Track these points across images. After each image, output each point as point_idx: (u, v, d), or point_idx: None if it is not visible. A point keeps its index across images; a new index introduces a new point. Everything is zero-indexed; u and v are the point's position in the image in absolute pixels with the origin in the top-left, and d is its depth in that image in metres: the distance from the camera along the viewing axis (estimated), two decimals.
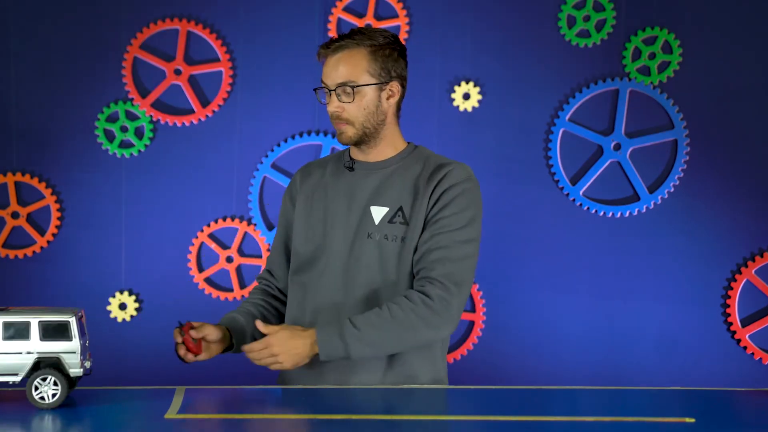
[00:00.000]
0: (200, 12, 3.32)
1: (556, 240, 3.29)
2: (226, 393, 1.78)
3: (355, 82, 1.93)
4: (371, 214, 1.97)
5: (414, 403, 1.74)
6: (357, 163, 2.03)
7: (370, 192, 1.99)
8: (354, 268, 1.95)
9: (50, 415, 1.54)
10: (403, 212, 1.95)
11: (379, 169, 2.02)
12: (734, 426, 1.63)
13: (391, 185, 1.99)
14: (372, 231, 1.95)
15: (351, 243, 1.96)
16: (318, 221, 2.01)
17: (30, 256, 3.31)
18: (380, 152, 2.02)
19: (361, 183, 2.01)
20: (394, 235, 1.94)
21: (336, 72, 1.93)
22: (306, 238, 2.03)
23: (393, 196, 1.97)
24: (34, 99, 3.30)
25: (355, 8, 3.31)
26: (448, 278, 1.88)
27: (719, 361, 3.25)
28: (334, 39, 1.96)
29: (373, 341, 1.86)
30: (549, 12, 3.28)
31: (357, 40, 1.94)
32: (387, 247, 1.94)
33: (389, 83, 1.97)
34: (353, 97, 1.94)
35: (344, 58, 1.94)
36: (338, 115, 1.95)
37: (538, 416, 1.63)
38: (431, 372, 1.99)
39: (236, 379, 3.10)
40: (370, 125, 1.97)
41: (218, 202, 3.33)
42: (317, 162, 2.15)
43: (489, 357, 3.29)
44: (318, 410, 1.67)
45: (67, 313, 1.58)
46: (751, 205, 3.25)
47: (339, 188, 2.02)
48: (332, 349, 1.85)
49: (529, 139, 3.30)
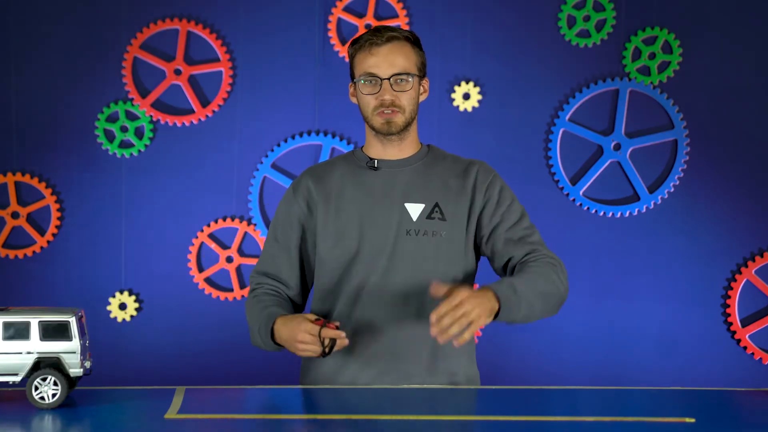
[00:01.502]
0: (200, 12, 3.32)
1: (556, 240, 3.27)
2: (226, 393, 1.78)
3: (411, 72, 1.97)
4: (407, 211, 1.97)
5: (412, 404, 1.74)
6: (380, 162, 2.02)
7: (402, 189, 1.99)
8: (392, 266, 1.94)
9: (50, 415, 1.54)
10: (440, 208, 1.97)
11: (404, 167, 2.02)
12: (734, 426, 1.63)
13: (422, 182, 2.00)
14: (410, 228, 1.95)
15: (391, 241, 1.95)
16: (349, 223, 1.97)
17: (30, 256, 3.31)
18: (405, 149, 2.03)
19: (389, 181, 2.00)
20: (434, 230, 1.95)
21: (392, 61, 1.95)
22: (337, 242, 1.97)
23: (427, 193, 1.98)
24: (34, 99, 3.30)
25: (355, 8, 3.31)
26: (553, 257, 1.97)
27: (719, 361, 3.25)
28: (380, 29, 1.97)
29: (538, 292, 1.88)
30: (549, 12, 3.28)
31: (402, 34, 1.98)
32: (428, 243, 1.94)
33: (423, 79, 2.03)
34: (410, 86, 1.97)
35: (397, 48, 1.96)
36: (392, 102, 1.96)
37: (538, 416, 1.63)
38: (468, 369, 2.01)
39: (236, 379, 3.11)
40: (412, 117, 2.01)
41: (218, 202, 3.33)
42: (323, 165, 2.10)
43: (489, 357, 3.29)
44: (318, 410, 1.67)
45: (67, 313, 1.58)
46: (751, 205, 3.25)
47: (367, 188, 2.00)
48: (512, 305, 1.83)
49: (529, 139, 3.30)
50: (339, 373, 1.96)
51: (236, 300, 3.32)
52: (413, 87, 1.98)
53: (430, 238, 1.95)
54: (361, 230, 1.96)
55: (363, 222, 1.97)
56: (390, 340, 1.94)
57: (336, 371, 1.97)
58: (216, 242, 3.33)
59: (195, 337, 3.30)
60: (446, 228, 1.96)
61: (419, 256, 1.94)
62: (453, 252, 1.97)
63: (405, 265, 1.94)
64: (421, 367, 1.95)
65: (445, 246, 1.95)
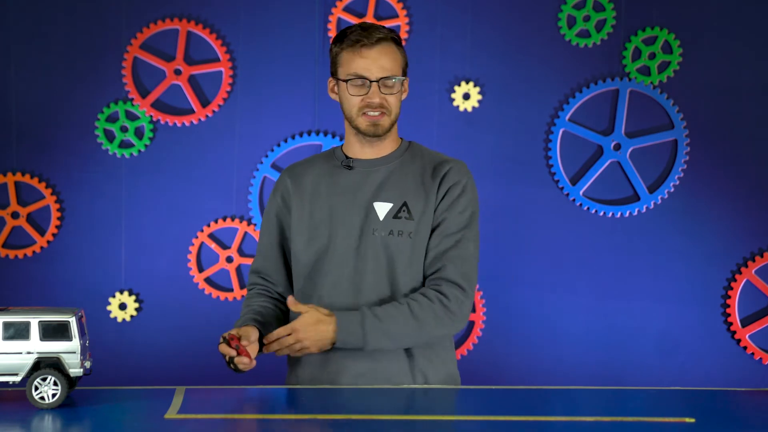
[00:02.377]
0: (200, 12, 3.32)
1: (556, 240, 3.29)
2: (226, 393, 1.78)
3: (397, 75, 1.97)
4: (375, 210, 1.97)
5: (413, 404, 1.74)
6: (355, 161, 2.04)
7: (373, 189, 2.00)
8: (362, 265, 1.95)
9: (50, 415, 1.54)
10: (408, 207, 1.97)
11: (379, 166, 2.03)
12: (734, 426, 1.63)
13: (393, 181, 2.00)
14: (377, 227, 1.96)
15: (357, 241, 1.96)
16: (321, 222, 2.01)
17: (30, 256, 3.31)
18: (382, 148, 2.03)
19: (362, 180, 2.01)
20: (400, 230, 1.95)
21: (380, 64, 1.95)
22: (308, 240, 2.01)
23: (396, 192, 1.98)
24: (34, 99, 3.30)
25: (355, 8, 3.31)
26: (463, 278, 1.94)
27: (719, 361, 3.25)
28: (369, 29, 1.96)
29: (391, 333, 1.89)
30: (549, 12, 3.28)
31: (388, 34, 1.98)
32: (394, 242, 1.95)
33: (405, 79, 2.03)
34: (396, 89, 1.97)
35: (385, 51, 1.97)
36: (381, 105, 1.96)
37: (538, 416, 1.63)
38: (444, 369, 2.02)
39: (236, 379, 3.11)
40: (396, 117, 2.01)
41: (218, 202, 3.33)
42: (302, 163, 2.12)
43: (489, 357, 3.29)
44: (318, 410, 1.67)
45: (67, 313, 1.58)
46: (751, 205, 3.25)
47: (339, 187, 2.02)
48: (350, 336, 1.87)
49: (529, 139, 3.31)
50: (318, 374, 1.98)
51: (236, 300, 3.32)
52: (398, 89, 1.99)
53: (394, 238, 1.95)
54: (330, 229, 1.99)
55: (332, 221, 1.99)
56: None
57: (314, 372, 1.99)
58: (216, 242, 3.33)
59: (195, 337, 3.30)
60: (413, 227, 1.96)
61: (385, 255, 1.95)
62: (420, 250, 1.97)
63: (373, 265, 1.95)
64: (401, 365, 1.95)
65: (410, 245, 1.95)
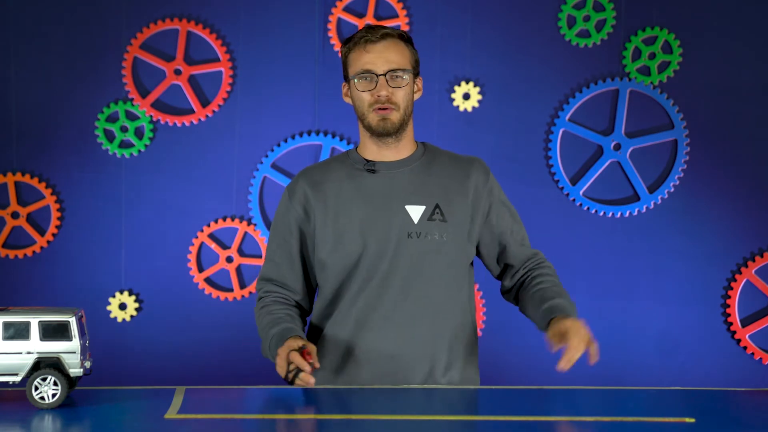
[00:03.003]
0: (200, 12, 3.32)
1: (556, 240, 3.29)
2: (226, 393, 1.78)
3: (406, 68, 1.96)
4: (408, 213, 1.96)
5: (413, 404, 1.74)
6: (378, 164, 2.00)
7: (402, 191, 1.97)
8: (397, 270, 1.93)
9: (50, 415, 1.54)
10: (440, 209, 1.96)
11: (401, 168, 2.00)
12: (734, 426, 1.63)
13: (421, 183, 1.98)
14: (412, 230, 1.94)
15: (395, 244, 1.93)
16: (349, 228, 1.95)
17: (30, 256, 3.31)
18: (401, 149, 2.01)
19: (388, 183, 1.98)
20: (436, 232, 1.94)
21: (386, 57, 1.94)
22: (336, 246, 1.95)
23: (426, 194, 1.97)
24: (34, 99, 3.30)
25: (355, 8, 3.31)
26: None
27: (719, 361, 3.25)
28: (373, 27, 1.97)
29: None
30: (549, 12, 3.28)
31: (394, 33, 1.98)
32: (430, 245, 1.93)
33: (417, 78, 2.02)
34: (405, 82, 1.96)
35: (392, 45, 1.96)
36: (388, 99, 1.95)
37: (538, 416, 1.62)
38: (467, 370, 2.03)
39: (236, 379, 3.11)
40: (407, 114, 1.99)
41: (218, 202, 3.33)
42: (318, 168, 2.06)
43: (489, 357, 3.29)
44: (318, 410, 1.67)
45: (67, 313, 1.58)
46: (751, 205, 3.25)
47: (366, 191, 1.97)
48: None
49: (529, 139, 3.30)
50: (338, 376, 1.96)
51: (236, 300, 3.32)
52: (408, 84, 1.97)
53: (431, 240, 1.94)
54: (362, 234, 1.94)
55: (364, 226, 1.94)
56: (391, 344, 1.93)
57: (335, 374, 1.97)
58: (216, 242, 3.33)
59: (195, 337, 3.30)
60: (447, 229, 1.95)
61: (421, 257, 1.94)
62: (454, 253, 1.96)
63: (406, 268, 1.93)
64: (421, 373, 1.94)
65: (446, 247, 1.95)
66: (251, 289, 3.32)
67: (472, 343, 2.04)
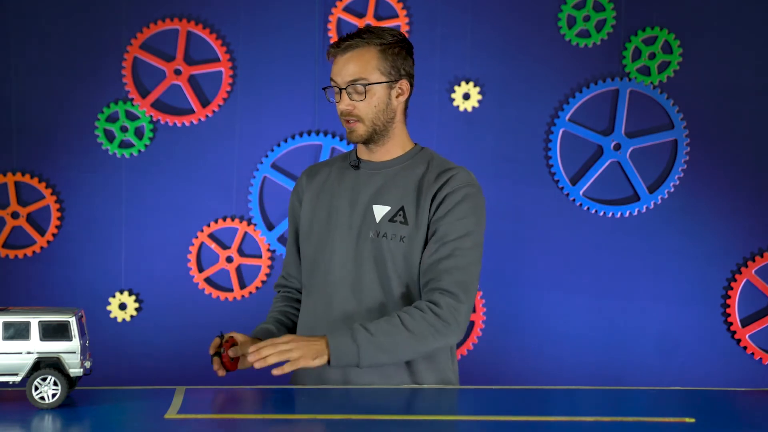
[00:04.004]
0: (200, 12, 3.32)
1: (556, 240, 3.29)
2: (226, 393, 1.78)
3: (366, 80, 1.94)
4: (373, 212, 1.97)
5: (413, 403, 1.74)
6: (362, 162, 2.04)
7: (373, 191, 2.00)
8: (358, 266, 1.96)
9: (50, 415, 1.54)
10: (404, 212, 1.96)
11: (383, 169, 2.02)
12: (734, 426, 1.63)
13: (394, 185, 2.00)
14: (372, 229, 1.96)
15: (354, 241, 1.97)
16: (322, 220, 2.03)
17: (30, 256, 3.31)
18: (388, 151, 2.03)
19: (365, 182, 2.02)
20: (394, 234, 1.95)
21: (347, 70, 1.94)
22: (309, 237, 2.04)
23: (395, 196, 1.98)
24: (34, 99, 3.30)
25: (355, 8, 3.31)
26: (457, 286, 1.89)
27: (719, 361, 3.25)
28: (343, 38, 1.97)
29: (386, 347, 1.84)
30: (549, 12, 3.28)
31: (367, 39, 1.95)
32: (387, 246, 1.94)
33: (399, 81, 1.99)
34: (364, 95, 1.95)
35: (355, 56, 1.95)
36: (349, 113, 1.96)
37: (538, 416, 1.63)
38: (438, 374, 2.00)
39: (236, 379, 3.11)
40: (380, 123, 1.98)
41: (218, 202, 3.33)
42: (323, 163, 2.16)
43: (489, 357, 3.29)
44: (318, 410, 1.67)
45: (67, 313, 1.58)
46: (751, 205, 3.25)
47: (343, 187, 2.03)
48: (344, 352, 1.83)
49: (529, 139, 3.31)
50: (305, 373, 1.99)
51: (236, 300, 3.32)
52: (374, 95, 1.95)
53: (388, 241, 1.94)
54: (328, 228, 2.01)
55: (331, 219, 2.01)
56: None
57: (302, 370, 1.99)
58: (216, 242, 3.33)
59: (195, 337, 3.29)
60: (407, 231, 1.95)
61: (380, 257, 1.95)
62: (414, 255, 1.95)
63: (368, 266, 1.95)
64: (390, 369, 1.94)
65: (405, 249, 1.94)
66: (251, 289, 3.32)
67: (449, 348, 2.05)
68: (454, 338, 1.92)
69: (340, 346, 1.83)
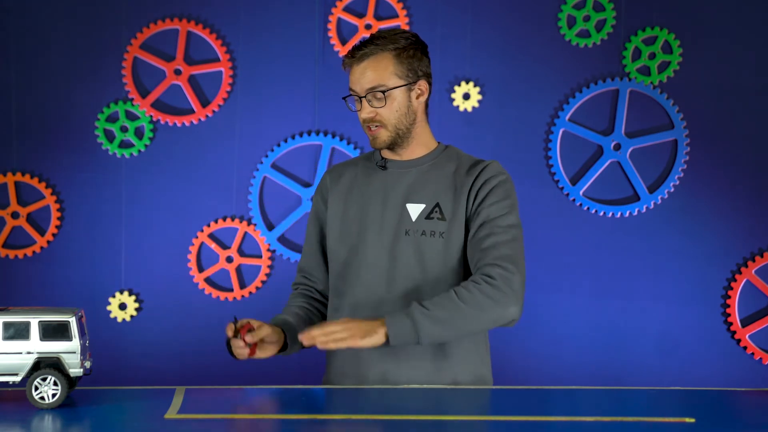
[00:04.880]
0: (200, 12, 3.32)
1: (556, 240, 3.29)
2: (226, 393, 1.78)
3: (384, 86, 1.95)
4: (408, 211, 1.97)
5: (414, 403, 1.74)
6: (390, 162, 2.04)
7: (405, 190, 2.00)
8: (393, 266, 1.96)
9: (50, 415, 1.54)
10: (440, 208, 1.97)
11: (412, 167, 2.03)
12: (734, 426, 1.63)
13: (426, 182, 2.00)
14: (409, 228, 1.96)
15: (390, 241, 1.96)
16: (353, 221, 2.02)
17: (30, 256, 3.31)
18: (413, 151, 2.03)
19: (395, 181, 2.01)
20: (433, 230, 1.95)
21: (364, 79, 1.95)
22: (341, 237, 2.02)
23: (429, 193, 1.98)
24: (34, 99, 3.30)
25: (355, 8, 3.31)
26: (504, 259, 1.90)
27: (719, 361, 3.25)
28: (357, 47, 1.97)
29: (443, 320, 1.83)
30: (549, 12, 3.28)
31: (381, 45, 1.96)
32: (426, 243, 1.95)
33: (417, 82, 1.99)
34: (385, 101, 1.95)
35: (371, 64, 1.95)
36: (371, 120, 1.97)
37: (538, 416, 1.63)
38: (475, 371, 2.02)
39: (236, 379, 3.11)
40: (403, 126, 1.99)
41: (218, 202, 3.33)
42: (346, 163, 2.15)
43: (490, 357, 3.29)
44: (318, 410, 1.68)
45: (67, 313, 1.58)
46: (751, 205, 3.25)
47: (373, 187, 2.03)
48: (402, 329, 1.82)
49: (529, 139, 3.31)
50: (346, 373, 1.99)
51: (236, 300, 3.32)
52: (394, 99, 1.96)
53: (427, 238, 1.95)
54: (361, 229, 2.00)
55: (363, 221, 2.00)
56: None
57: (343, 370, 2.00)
58: (216, 242, 3.33)
59: (195, 337, 3.30)
60: (446, 227, 1.96)
61: (418, 255, 1.95)
62: (452, 250, 1.97)
63: (405, 265, 1.95)
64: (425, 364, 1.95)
65: (443, 245, 1.95)
66: (251, 289, 3.32)
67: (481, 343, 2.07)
68: (513, 308, 1.89)
69: (396, 323, 1.82)
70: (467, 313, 1.84)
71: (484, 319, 1.87)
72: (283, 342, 1.98)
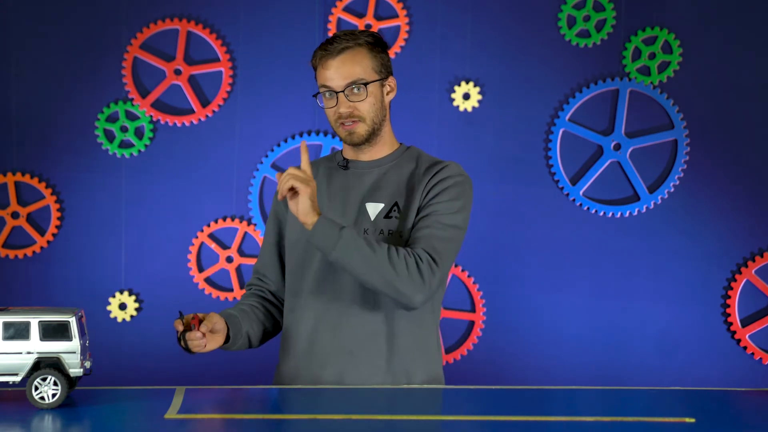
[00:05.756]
0: (200, 12, 3.32)
1: (556, 240, 3.29)
2: (226, 393, 1.78)
3: (364, 80, 1.96)
4: (366, 210, 1.98)
5: (414, 403, 1.74)
6: (351, 162, 2.05)
7: (365, 190, 2.01)
8: None
9: (50, 415, 1.54)
10: (398, 206, 1.98)
11: (373, 168, 2.04)
12: (734, 426, 1.63)
13: (386, 182, 2.01)
14: (368, 227, 1.96)
15: None
16: None
17: (30, 256, 3.31)
18: (377, 151, 2.04)
19: (355, 181, 2.02)
20: (390, 229, 1.96)
21: (343, 72, 1.95)
22: (299, 236, 2.02)
23: (388, 193, 1.99)
24: (34, 99, 3.30)
25: (355, 8, 3.31)
26: (434, 252, 1.89)
27: (719, 361, 3.25)
28: (331, 41, 1.97)
29: (362, 254, 1.83)
30: (549, 12, 3.28)
31: (354, 40, 1.97)
32: (384, 241, 1.95)
33: (387, 79, 2.02)
34: (366, 95, 1.96)
35: (350, 57, 1.96)
36: (350, 114, 1.96)
37: (538, 416, 1.63)
38: (428, 369, 2.00)
39: (236, 379, 3.11)
40: (378, 121, 2.00)
41: (218, 202, 3.33)
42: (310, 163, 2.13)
43: (489, 357, 3.29)
44: (317, 410, 1.67)
45: (67, 313, 1.58)
46: (751, 205, 3.25)
47: (333, 187, 2.04)
48: (327, 232, 1.83)
49: (529, 139, 3.31)
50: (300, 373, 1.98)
51: (236, 300, 3.32)
52: (372, 93, 1.97)
53: (385, 237, 1.95)
54: None
55: None
56: (348, 338, 1.95)
57: (297, 370, 1.99)
58: (216, 242, 3.33)
59: None
60: (403, 225, 1.96)
61: None
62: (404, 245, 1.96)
63: None
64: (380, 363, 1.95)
65: (400, 243, 1.95)
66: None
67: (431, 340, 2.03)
68: (419, 296, 1.87)
69: (327, 224, 1.84)
70: (383, 268, 1.83)
71: (392, 283, 1.85)
72: (226, 335, 1.97)
